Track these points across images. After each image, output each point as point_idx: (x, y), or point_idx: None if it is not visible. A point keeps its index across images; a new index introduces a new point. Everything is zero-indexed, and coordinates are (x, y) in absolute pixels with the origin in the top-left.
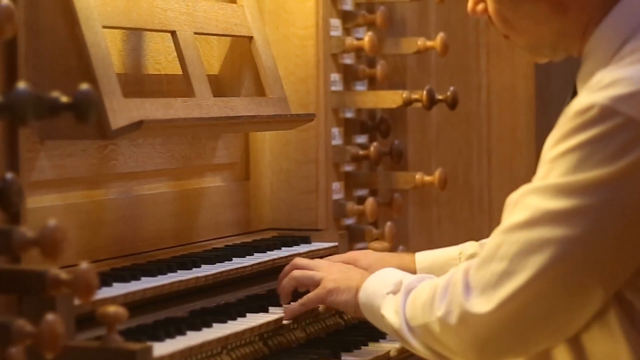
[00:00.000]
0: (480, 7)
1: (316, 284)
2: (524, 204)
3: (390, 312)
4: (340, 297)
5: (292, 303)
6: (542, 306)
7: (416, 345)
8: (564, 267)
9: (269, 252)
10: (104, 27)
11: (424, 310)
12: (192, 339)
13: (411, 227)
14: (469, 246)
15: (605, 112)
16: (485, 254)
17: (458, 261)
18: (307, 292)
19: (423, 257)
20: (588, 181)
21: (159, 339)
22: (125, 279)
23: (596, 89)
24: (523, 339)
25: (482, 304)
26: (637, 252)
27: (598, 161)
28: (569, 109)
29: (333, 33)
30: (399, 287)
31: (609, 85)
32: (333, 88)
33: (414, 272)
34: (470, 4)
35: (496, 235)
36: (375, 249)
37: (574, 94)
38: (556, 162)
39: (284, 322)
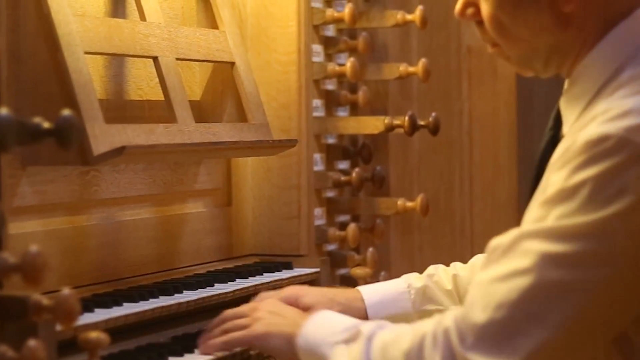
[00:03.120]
0: (471, 10)
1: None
2: (522, 249)
3: None
4: (270, 342)
5: (216, 339)
6: (571, 353)
7: None
8: (589, 313)
9: (250, 278)
10: (86, 53)
11: None
12: None
13: (393, 253)
14: (415, 278)
15: (621, 143)
16: (477, 303)
17: (408, 295)
18: None
19: (370, 292)
20: (603, 220)
21: None
22: (107, 305)
23: (606, 120)
24: None
25: (496, 358)
26: None
27: (613, 194)
28: (577, 141)
29: (315, 59)
30: (355, 336)
31: (620, 116)
32: (315, 114)
33: (361, 308)
34: (459, 6)
35: (488, 283)
36: (357, 275)
37: (558, 116)
38: (563, 200)
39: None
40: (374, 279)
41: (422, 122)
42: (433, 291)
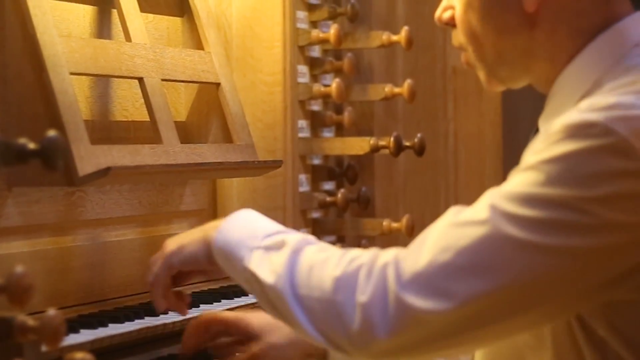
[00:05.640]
0: (448, 14)
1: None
2: (484, 204)
3: (265, 271)
4: (185, 251)
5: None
6: (504, 308)
7: (298, 316)
8: (534, 279)
9: (236, 299)
10: (72, 73)
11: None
12: None
13: None
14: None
15: (604, 130)
16: (424, 244)
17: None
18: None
19: None
20: (571, 197)
21: None
22: (92, 326)
23: (589, 109)
24: (467, 339)
25: (430, 300)
26: (606, 276)
27: (587, 176)
28: (554, 125)
29: (300, 80)
30: (278, 245)
31: (605, 107)
32: (300, 135)
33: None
34: (438, 11)
35: (441, 228)
36: None
37: (537, 134)
38: (535, 169)
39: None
40: None
41: (407, 143)
42: None
